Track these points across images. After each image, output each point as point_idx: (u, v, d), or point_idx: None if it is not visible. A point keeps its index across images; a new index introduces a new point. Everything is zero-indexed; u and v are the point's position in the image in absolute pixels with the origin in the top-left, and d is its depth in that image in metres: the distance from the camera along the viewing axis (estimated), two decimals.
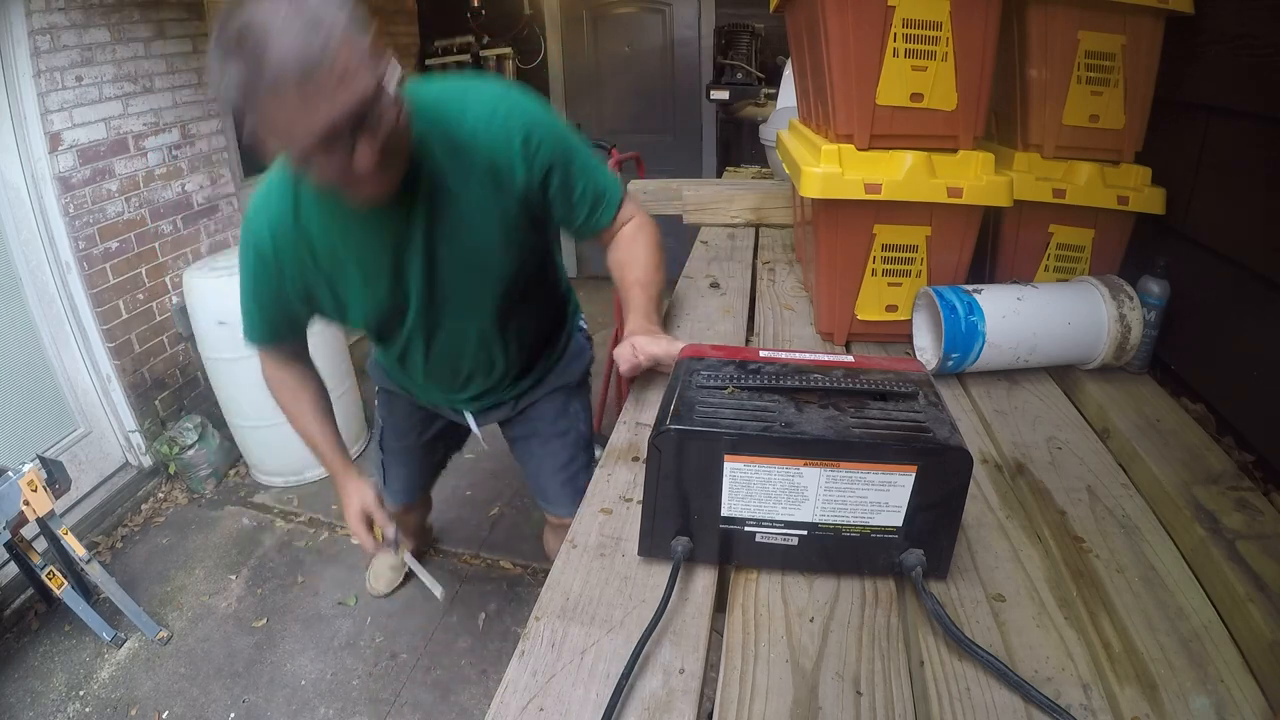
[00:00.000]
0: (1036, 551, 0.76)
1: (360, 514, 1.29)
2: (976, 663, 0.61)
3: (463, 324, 1.17)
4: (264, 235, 1.02)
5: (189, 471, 2.71)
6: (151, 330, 2.69)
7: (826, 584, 0.71)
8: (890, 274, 1.18)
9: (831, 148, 1.10)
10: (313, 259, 1.03)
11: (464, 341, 1.21)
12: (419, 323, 1.14)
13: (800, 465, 0.65)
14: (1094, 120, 1.13)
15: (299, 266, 1.04)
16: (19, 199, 2.29)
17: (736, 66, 3.65)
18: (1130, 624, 0.65)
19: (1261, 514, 0.77)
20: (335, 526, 2.57)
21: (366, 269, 1.05)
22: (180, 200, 2.76)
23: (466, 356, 1.24)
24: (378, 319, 1.13)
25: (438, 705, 1.89)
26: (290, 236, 1.01)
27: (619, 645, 0.64)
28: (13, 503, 1.80)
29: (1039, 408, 1.03)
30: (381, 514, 1.30)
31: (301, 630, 2.13)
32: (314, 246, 1.02)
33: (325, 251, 1.03)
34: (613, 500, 0.85)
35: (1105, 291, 1.04)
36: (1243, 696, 0.59)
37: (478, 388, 1.33)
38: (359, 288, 1.06)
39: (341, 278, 1.05)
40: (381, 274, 1.05)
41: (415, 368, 1.27)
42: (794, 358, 0.77)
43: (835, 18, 1.04)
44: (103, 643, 2.05)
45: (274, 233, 1.02)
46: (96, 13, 2.35)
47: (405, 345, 1.21)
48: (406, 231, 1.02)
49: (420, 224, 1.01)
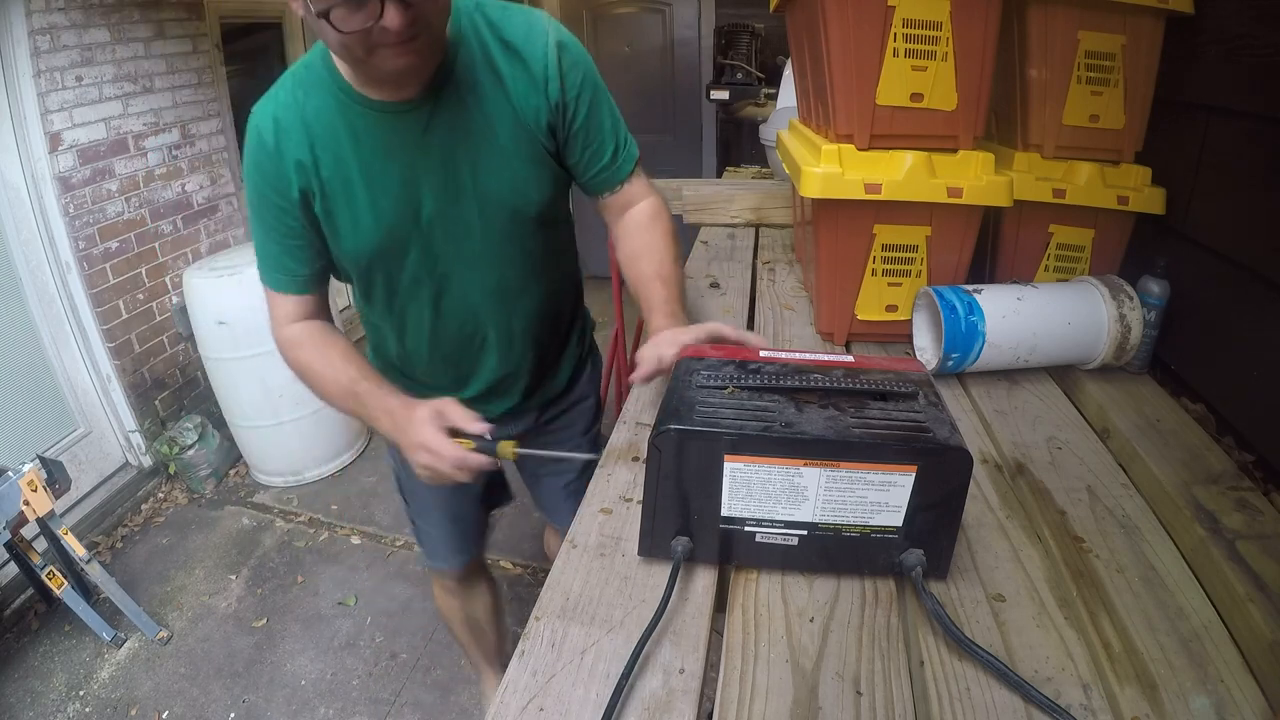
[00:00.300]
0: (1036, 551, 0.76)
1: (441, 430, 0.91)
2: (976, 663, 0.61)
3: (479, 274, 1.03)
4: (266, 120, 0.93)
5: (189, 471, 2.71)
6: (151, 330, 2.70)
7: (826, 584, 0.71)
8: (890, 274, 1.18)
9: (831, 148, 1.10)
10: (313, 159, 0.93)
11: (479, 300, 1.06)
12: (425, 264, 1.01)
13: (800, 465, 0.65)
14: (1094, 120, 1.13)
15: (298, 170, 0.93)
16: (19, 199, 2.29)
17: (736, 66, 3.65)
18: (1130, 624, 0.65)
19: (1261, 514, 0.77)
20: (335, 526, 2.57)
21: (372, 180, 0.94)
22: (180, 200, 2.76)
23: (483, 318, 1.07)
24: (376, 247, 0.98)
25: (438, 705, 1.89)
26: (293, 125, 0.93)
27: (619, 645, 0.64)
28: (13, 503, 1.81)
29: (1039, 408, 1.03)
30: (463, 413, 0.93)
31: (301, 630, 2.13)
32: (316, 143, 0.93)
33: (328, 154, 0.93)
34: (613, 500, 0.85)
35: (1105, 291, 1.04)
36: (1243, 696, 0.59)
37: (493, 372, 1.14)
38: (361, 203, 0.95)
39: (342, 188, 0.95)
40: (389, 188, 0.94)
41: (419, 340, 1.10)
42: (794, 358, 0.77)
43: (835, 18, 1.04)
44: (103, 643, 2.05)
45: (277, 121, 0.93)
46: (96, 13, 2.35)
47: (406, 304, 1.06)
48: (423, 141, 0.93)
49: (441, 133, 0.92)
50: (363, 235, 0.98)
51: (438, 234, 0.99)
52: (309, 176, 0.94)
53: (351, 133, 0.93)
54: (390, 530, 2.51)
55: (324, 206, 0.96)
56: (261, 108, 0.95)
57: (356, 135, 0.93)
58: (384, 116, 0.91)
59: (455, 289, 1.04)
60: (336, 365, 1.01)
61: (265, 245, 1.01)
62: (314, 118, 0.93)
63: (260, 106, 0.95)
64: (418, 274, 1.02)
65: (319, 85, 0.93)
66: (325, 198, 0.95)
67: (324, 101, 0.92)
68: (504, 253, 1.03)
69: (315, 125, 0.93)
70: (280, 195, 0.95)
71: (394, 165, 0.94)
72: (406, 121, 0.92)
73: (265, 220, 0.98)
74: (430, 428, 0.91)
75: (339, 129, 0.93)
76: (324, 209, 0.96)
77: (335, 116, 0.92)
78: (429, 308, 1.06)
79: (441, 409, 0.93)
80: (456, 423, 0.92)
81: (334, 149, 0.93)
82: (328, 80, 0.92)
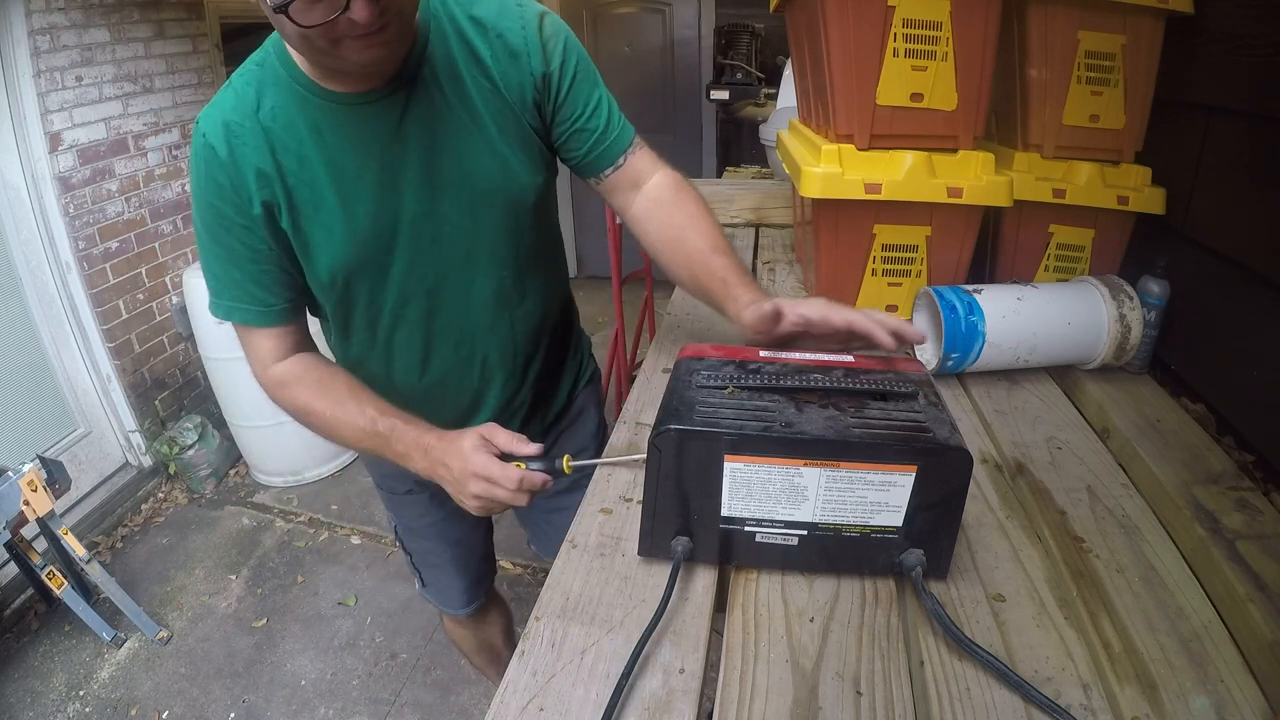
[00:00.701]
0: (1036, 551, 0.76)
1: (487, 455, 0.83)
2: (976, 663, 0.61)
3: (473, 277, 0.93)
4: (215, 128, 0.82)
5: (189, 471, 2.71)
6: (151, 330, 2.70)
7: (826, 584, 0.71)
8: (890, 274, 1.18)
9: (831, 148, 1.10)
10: (275, 165, 0.82)
11: (477, 314, 0.95)
12: (412, 276, 0.90)
13: (800, 465, 0.65)
14: (1094, 120, 1.13)
15: (259, 180, 0.82)
16: (19, 199, 2.29)
17: (736, 66, 3.65)
18: (1130, 624, 0.65)
19: (1261, 514, 0.77)
20: (335, 526, 2.57)
21: (344, 182, 0.84)
22: (180, 200, 2.76)
23: (480, 337, 0.97)
24: (354, 260, 0.87)
25: (438, 705, 1.89)
26: (248, 130, 0.81)
27: (619, 645, 0.64)
28: (13, 503, 1.81)
29: (1039, 408, 1.03)
30: (509, 435, 0.85)
31: (301, 630, 2.13)
32: (277, 148, 0.82)
33: (291, 157, 0.82)
34: (613, 500, 0.85)
35: (1105, 291, 1.04)
36: (1243, 696, 0.59)
37: (496, 398, 1.03)
38: (333, 210, 0.84)
39: (310, 195, 0.84)
40: (363, 190, 0.84)
41: (410, 372, 0.99)
42: (794, 357, 0.77)
43: (835, 18, 1.04)
44: (103, 643, 2.05)
45: (229, 128, 0.81)
46: (96, 13, 2.35)
47: (392, 330, 0.95)
48: (399, 133, 0.83)
49: (418, 123, 0.84)
50: (337, 248, 0.87)
51: (424, 238, 0.88)
52: (272, 187, 0.83)
53: (315, 131, 0.82)
54: (390, 530, 2.51)
55: (292, 220, 0.85)
56: (208, 114, 0.83)
57: (321, 133, 0.82)
58: (352, 109, 0.82)
59: (448, 304, 0.94)
60: (346, 404, 0.89)
61: (227, 274, 0.88)
62: (271, 119, 0.82)
63: (206, 113, 0.83)
64: (404, 289, 0.92)
65: (274, 83, 0.82)
66: (293, 210, 0.85)
67: (282, 100, 0.82)
68: (499, 254, 0.93)
69: (274, 127, 0.82)
70: (240, 213, 0.84)
71: (368, 163, 0.84)
72: (377, 112, 0.82)
73: (225, 245, 0.86)
74: (483, 455, 0.82)
75: (300, 129, 0.82)
76: (292, 223, 0.85)
77: (295, 115, 0.82)
78: (419, 330, 0.95)
79: (488, 434, 0.84)
80: (505, 446, 0.84)
81: (297, 151, 0.83)
82: (284, 76, 0.82)
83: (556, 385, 1.14)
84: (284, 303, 0.91)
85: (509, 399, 1.05)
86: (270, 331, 0.91)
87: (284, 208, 0.84)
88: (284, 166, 0.83)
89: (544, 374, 1.08)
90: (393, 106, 0.83)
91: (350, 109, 0.82)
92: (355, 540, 2.50)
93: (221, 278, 0.88)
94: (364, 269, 0.89)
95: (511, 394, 1.05)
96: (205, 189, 0.84)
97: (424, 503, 1.21)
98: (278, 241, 0.86)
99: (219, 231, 0.85)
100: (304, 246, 0.87)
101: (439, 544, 1.28)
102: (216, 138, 0.82)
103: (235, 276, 0.87)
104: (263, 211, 0.84)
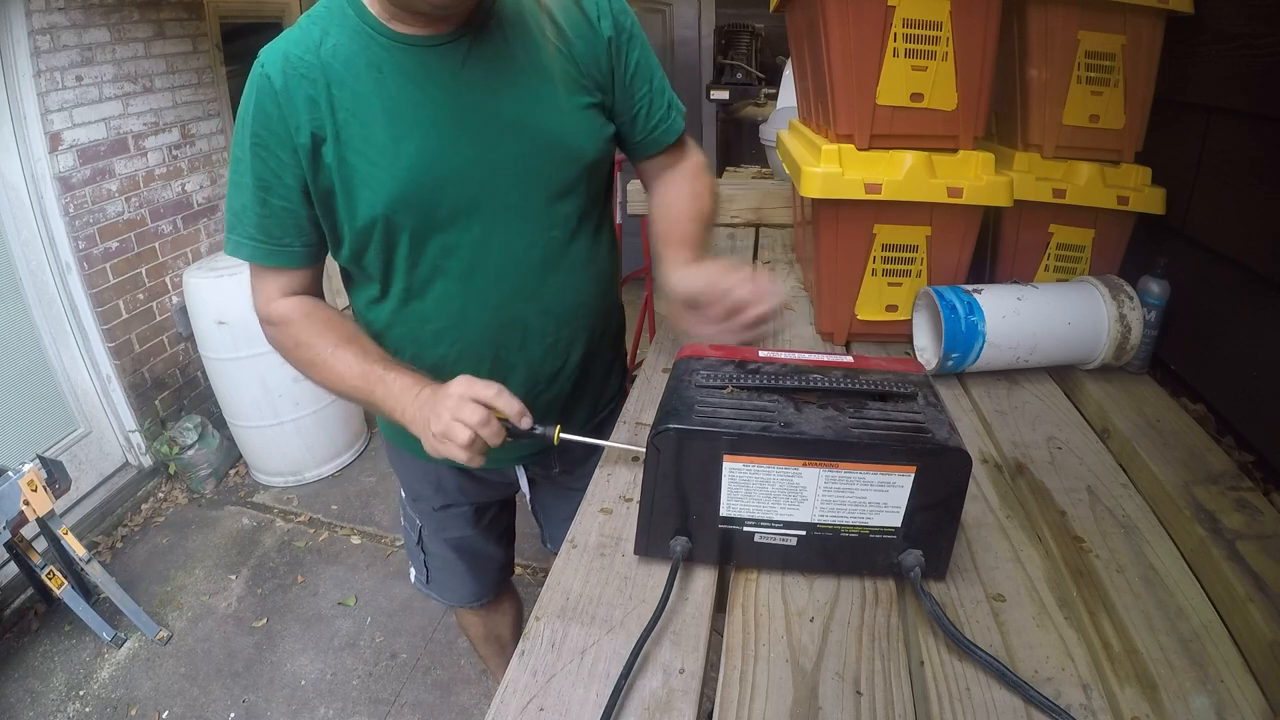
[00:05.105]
0: (1036, 551, 0.76)
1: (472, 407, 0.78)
2: (976, 663, 0.61)
3: (522, 235, 0.91)
4: (275, 63, 0.83)
5: (189, 471, 2.71)
6: (151, 330, 2.70)
7: (826, 584, 0.71)
8: (890, 274, 1.18)
9: (831, 148, 1.10)
10: (329, 97, 0.83)
11: (522, 273, 0.92)
12: (458, 223, 0.88)
13: (799, 465, 0.65)
14: (1094, 120, 1.13)
15: (309, 108, 0.83)
16: (19, 199, 2.29)
17: (736, 66, 3.65)
18: (1130, 624, 0.65)
19: (1261, 514, 0.77)
20: (335, 526, 2.57)
21: (398, 117, 0.83)
22: (180, 200, 2.77)
23: (522, 299, 0.93)
24: (399, 198, 0.86)
25: (438, 705, 1.89)
26: (307, 66, 0.83)
27: (619, 645, 0.64)
28: (13, 503, 1.81)
29: (1039, 408, 1.03)
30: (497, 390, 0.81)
31: (301, 630, 2.13)
32: (333, 81, 0.83)
33: (347, 92, 0.83)
34: (613, 500, 0.85)
35: (1105, 291, 1.04)
36: (1243, 696, 0.59)
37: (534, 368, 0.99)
38: (382, 147, 0.84)
39: (360, 131, 0.84)
40: (417, 126, 0.84)
41: (442, 336, 0.95)
42: (793, 358, 0.77)
43: (835, 18, 1.04)
44: (103, 643, 2.05)
45: (288, 59, 0.83)
46: (96, 13, 2.35)
47: (429, 283, 0.92)
48: (460, 74, 0.84)
49: (481, 65, 0.84)
50: (382, 183, 0.85)
51: (474, 183, 0.86)
52: (322, 116, 0.83)
53: (375, 69, 0.83)
54: (390, 530, 2.51)
55: (337, 153, 0.84)
56: (271, 48, 0.85)
57: (381, 71, 0.83)
58: (415, 50, 0.83)
59: (493, 258, 0.91)
60: (340, 344, 0.88)
61: (249, 208, 0.87)
62: (332, 55, 0.83)
63: (269, 48, 0.85)
64: (449, 236, 0.89)
65: (340, 21, 0.84)
66: (339, 142, 0.84)
67: (345, 38, 0.83)
68: (552, 209, 0.91)
69: (333, 62, 0.83)
70: (282, 144, 0.84)
71: (425, 102, 0.84)
72: (440, 55, 0.83)
73: (257, 175, 0.86)
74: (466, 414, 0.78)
75: (359, 66, 0.83)
76: (337, 155, 0.84)
77: (357, 53, 0.83)
78: (458, 285, 0.92)
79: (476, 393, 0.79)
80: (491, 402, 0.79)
81: (354, 87, 0.83)
82: (350, 15, 0.84)
83: (603, 381, 1.11)
84: (300, 246, 0.91)
85: (549, 378, 1.00)
86: (281, 271, 0.92)
87: (331, 139, 0.84)
88: (337, 99, 0.83)
89: (587, 361, 1.04)
90: (455, 50, 0.84)
91: (413, 50, 0.83)
92: (355, 540, 2.50)
93: (240, 213, 0.89)
94: (409, 208, 0.87)
95: (551, 374, 1.00)
96: (253, 117, 0.85)
97: (461, 518, 1.22)
98: (316, 177, 0.86)
99: (254, 162, 0.86)
100: (346, 182, 0.86)
101: (458, 555, 1.28)
102: (274, 68, 0.83)
103: (258, 212, 0.88)
104: (309, 141, 0.84)
